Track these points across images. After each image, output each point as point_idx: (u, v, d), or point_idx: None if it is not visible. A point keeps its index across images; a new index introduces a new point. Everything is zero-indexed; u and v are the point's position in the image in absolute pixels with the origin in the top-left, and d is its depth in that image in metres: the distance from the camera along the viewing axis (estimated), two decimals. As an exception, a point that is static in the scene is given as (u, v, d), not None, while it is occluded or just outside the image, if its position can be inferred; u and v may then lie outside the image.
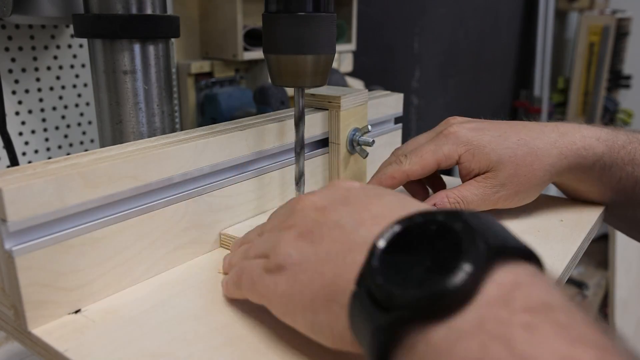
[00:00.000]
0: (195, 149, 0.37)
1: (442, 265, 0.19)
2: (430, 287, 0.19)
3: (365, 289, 0.21)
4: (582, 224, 0.44)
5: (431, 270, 0.19)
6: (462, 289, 0.19)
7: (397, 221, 0.22)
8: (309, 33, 0.37)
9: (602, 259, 1.50)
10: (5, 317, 0.31)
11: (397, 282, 0.20)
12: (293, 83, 0.39)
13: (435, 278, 0.19)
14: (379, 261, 0.21)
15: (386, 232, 0.22)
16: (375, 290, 0.20)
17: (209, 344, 0.29)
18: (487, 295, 0.19)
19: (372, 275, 0.21)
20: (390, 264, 0.21)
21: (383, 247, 0.21)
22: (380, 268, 0.21)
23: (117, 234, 0.33)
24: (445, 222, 0.21)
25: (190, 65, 0.67)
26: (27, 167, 0.31)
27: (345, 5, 0.83)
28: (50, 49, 0.56)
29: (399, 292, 0.19)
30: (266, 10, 0.38)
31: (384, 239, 0.22)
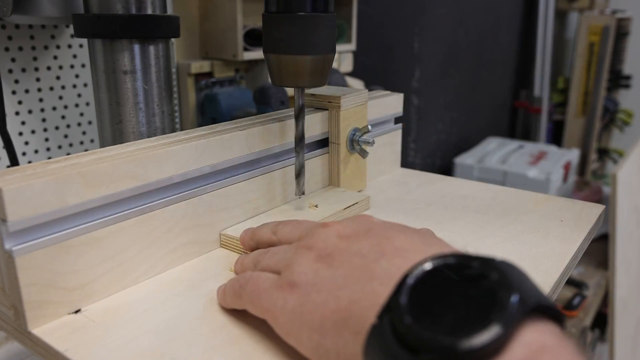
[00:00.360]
0: (195, 149, 0.37)
1: (474, 317, 0.19)
2: (462, 339, 0.18)
3: (389, 324, 0.21)
4: (582, 224, 0.44)
5: (463, 319, 0.19)
6: (492, 346, 0.18)
7: (429, 259, 0.22)
8: (309, 33, 0.37)
9: (602, 259, 1.50)
10: (6, 317, 0.31)
11: (427, 325, 0.19)
12: (293, 83, 0.39)
13: (467, 329, 0.19)
14: (407, 298, 0.21)
15: (416, 268, 0.22)
16: (403, 329, 0.20)
17: (209, 344, 0.29)
18: (513, 354, 0.18)
19: (400, 313, 0.20)
20: (418, 302, 0.20)
21: (412, 284, 0.21)
22: (408, 306, 0.20)
23: (117, 234, 0.33)
24: (481, 269, 0.21)
25: (191, 65, 0.67)
26: (27, 167, 0.31)
27: (345, 5, 0.83)
28: (50, 49, 0.56)
29: (428, 337, 0.19)
30: (266, 11, 0.38)
31: (413, 276, 0.21)
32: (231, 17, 0.66)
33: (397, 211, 0.47)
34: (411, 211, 0.47)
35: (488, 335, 0.18)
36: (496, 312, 0.19)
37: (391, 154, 0.58)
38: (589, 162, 2.11)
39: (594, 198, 1.92)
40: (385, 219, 0.46)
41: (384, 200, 0.50)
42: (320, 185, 0.49)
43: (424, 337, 0.19)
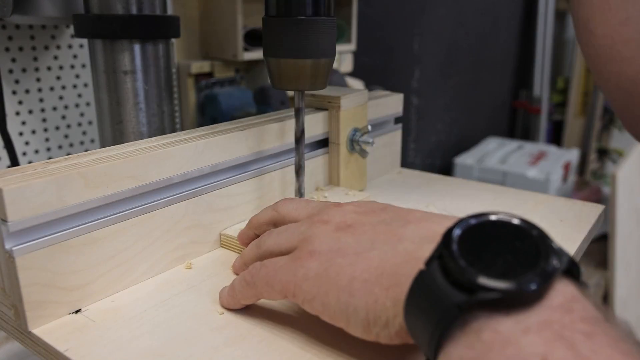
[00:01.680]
0: (195, 149, 0.37)
1: (523, 264, 0.21)
2: (514, 282, 0.20)
3: (440, 269, 0.22)
4: (582, 224, 0.44)
5: (513, 265, 0.21)
6: (538, 290, 0.20)
7: (472, 215, 0.23)
8: (309, 37, 0.37)
9: (601, 259, 1.50)
10: (6, 317, 0.31)
11: (481, 269, 0.21)
12: (293, 86, 0.39)
13: (518, 274, 0.20)
14: (458, 246, 0.22)
15: (461, 222, 0.23)
16: (457, 271, 0.21)
17: (209, 343, 0.29)
18: (552, 301, 0.20)
19: (454, 258, 0.21)
20: (468, 250, 0.22)
21: (459, 234, 0.22)
22: (460, 253, 0.21)
23: (118, 234, 0.33)
24: (522, 226, 0.22)
25: (191, 65, 0.67)
26: (28, 167, 0.31)
27: (345, 5, 0.83)
28: (51, 49, 0.56)
29: (484, 276, 0.20)
30: (266, 14, 0.38)
31: (459, 227, 0.22)
32: (231, 17, 0.66)
33: (397, 211, 0.47)
34: (411, 211, 0.47)
35: (537, 281, 0.20)
36: (542, 262, 0.21)
37: (391, 154, 0.59)
38: (588, 162, 2.11)
39: (593, 198, 1.92)
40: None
41: (384, 200, 0.50)
42: (320, 185, 0.49)
43: (479, 278, 0.20)
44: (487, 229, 0.23)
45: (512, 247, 0.22)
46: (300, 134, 0.41)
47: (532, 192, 0.52)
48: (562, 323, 0.19)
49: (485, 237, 0.22)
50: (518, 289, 0.20)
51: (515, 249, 0.21)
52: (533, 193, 0.51)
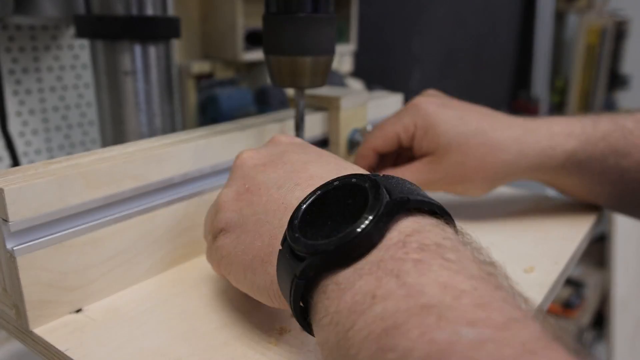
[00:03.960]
0: (196, 150, 0.37)
1: (348, 218, 0.22)
2: (337, 237, 0.21)
3: (287, 245, 0.23)
4: (581, 224, 0.44)
5: (339, 222, 0.22)
6: (365, 236, 0.21)
7: (319, 187, 0.25)
8: (308, 34, 0.37)
9: (601, 259, 1.50)
10: (7, 317, 0.31)
11: (311, 235, 0.22)
12: (293, 84, 0.39)
13: (341, 229, 0.21)
14: (299, 220, 0.23)
15: (310, 196, 0.24)
16: (293, 243, 0.22)
17: (209, 343, 0.29)
18: (388, 240, 0.21)
19: (293, 232, 0.23)
20: (308, 222, 0.23)
21: (304, 208, 0.24)
22: (299, 225, 0.23)
23: (118, 234, 0.33)
24: (356, 182, 0.24)
25: (191, 66, 0.67)
26: (29, 167, 0.31)
27: (345, 6, 0.83)
28: (52, 49, 0.56)
29: (310, 242, 0.22)
30: (266, 11, 0.38)
31: (305, 202, 0.24)
32: (232, 18, 0.66)
33: (397, 211, 0.47)
34: (411, 211, 0.47)
35: (357, 229, 0.21)
36: (365, 210, 0.22)
37: (391, 154, 0.59)
38: (588, 163, 2.11)
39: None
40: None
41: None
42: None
43: (305, 244, 0.22)
44: (330, 195, 0.24)
45: (344, 207, 0.23)
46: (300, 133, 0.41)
47: (531, 192, 0.52)
48: (394, 258, 0.20)
49: (327, 204, 0.24)
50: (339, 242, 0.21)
51: (346, 207, 0.23)
52: (532, 193, 0.52)
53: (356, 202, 0.22)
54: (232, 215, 0.29)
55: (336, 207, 0.23)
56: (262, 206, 0.28)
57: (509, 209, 0.48)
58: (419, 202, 0.23)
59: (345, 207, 0.23)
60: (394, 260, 0.20)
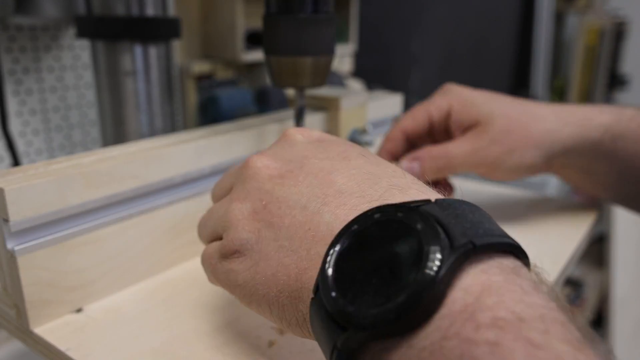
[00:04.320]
0: (196, 150, 0.37)
1: (400, 276, 0.17)
2: (387, 305, 0.17)
3: (319, 300, 0.19)
4: (580, 224, 0.44)
5: (387, 282, 0.17)
6: (423, 303, 0.16)
7: (354, 220, 0.20)
8: (308, 34, 0.37)
9: (600, 259, 1.50)
10: (7, 317, 0.31)
11: (351, 297, 0.18)
12: (293, 84, 0.39)
13: (392, 291, 0.17)
14: (333, 269, 0.19)
15: (343, 233, 0.20)
16: (329, 304, 0.18)
17: (210, 343, 0.29)
18: (452, 305, 0.16)
19: (327, 288, 0.19)
20: (345, 272, 0.19)
21: (339, 251, 0.19)
22: (333, 277, 0.19)
23: (119, 233, 0.33)
24: (404, 220, 0.19)
25: (192, 66, 0.67)
26: (29, 167, 0.31)
27: (345, 6, 0.83)
28: (52, 49, 0.56)
29: (352, 310, 0.17)
30: (267, 12, 0.38)
31: (340, 242, 0.20)
32: (232, 18, 0.66)
33: (397, 211, 0.47)
34: (410, 211, 0.47)
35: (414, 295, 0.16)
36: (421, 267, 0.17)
37: (390, 154, 0.59)
38: (588, 163, 2.11)
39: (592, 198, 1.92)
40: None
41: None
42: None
43: (348, 312, 0.17)
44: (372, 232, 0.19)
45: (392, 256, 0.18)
46: None
47: (530, 193, 0.52)
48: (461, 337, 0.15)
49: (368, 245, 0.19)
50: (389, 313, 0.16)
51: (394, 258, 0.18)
52: (532, 193, 0.52)
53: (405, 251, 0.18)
54: (248, 237, 0.25)
55: (381, 255, 0.18)
56: (285, 230, 0.24)
57: (509, 209, 0.48)
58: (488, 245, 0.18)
59: (393, 256, 0.18)
60: (462, 340, 0.15)
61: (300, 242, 0.23)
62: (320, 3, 0.37)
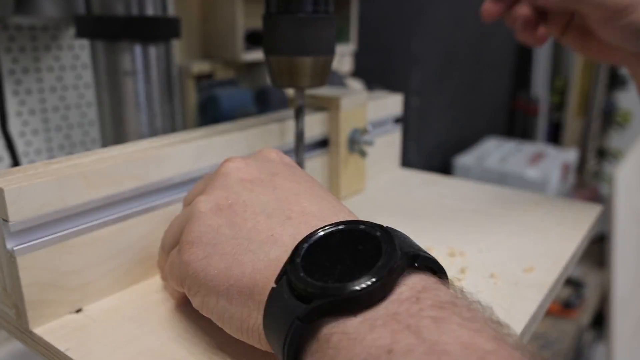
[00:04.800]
0: (196, 150, 0.37)
1: (361, 265, 0.21)
2: (349, 283, 0.20)
3: (287, 284, 0.22)
4: (580, 224, 0.44)
5: (351, 269, 0.21)
6: (378, 287, 0.20)
7: (322, 227, 0.24)
8: (308, 34, 0.37)
9: (600, 259, 1.50)
10: (7, 317, 0.31)
11: (319, 277, 0.21)
12: (292, 84, 0.39)
13: (355, 275, 0.21)
14: (301, 259, 0.22)
15: (312, 236, 0.23)
16: (297, 282, 0.21)
17: (209, 343, 0.29)
18: (399, 294, 0.20)
19: (295, 270, 0.22)
20: (312, 262, 0.22)
21: (306, 247, 0.23)
22: (302, 264, 0.22)
23: (119, 234, 0.33)
24: (366, 230, 0.23)
25: (191, 66, 0.67)
26: (29, 167, 0.31)
27: (345, 6, 0.83)
28: (52, 49, 0.56)
29: (319, 284, 0.21)
30: (266, 11, 0.38)
31: (308, 242, 0.23)
32: (232, 18, 0.66)
33: (397, 211, 0.47)
34: (411, 211, 0.47)
35: (373, 279, 0.20)
36: (381, 260, 0.21)
37: (391, 154, 0.59)
38: (587, 162, 2.11)
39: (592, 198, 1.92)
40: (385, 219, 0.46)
41: (384, 200, 0.50)
42: (320, 185, 0.49)
43: (315, 286, 0.21)
44: (336, 238, 0.23)
45: (355, 252, 0.22)
46: (300, 133, 0.41)
47: (531, 192, 0.52)
48: (409, 313, 0.19)
49: (332, 246, 0.23)
50: (349, 290, 0.20)
51: (357, 253, 0.22)
52: (532, 193, 0.52)
53: (367, 249, 0.22)
54: (206, 230, 0.26)
55: (344, 252, 0.22)
56: (246, 231, 0.26)
57: (510, 209, 0.48)
58: (426, 258, 0.22)
59: (355, 252, 0.22)
60: (409, 315, 0.19)
61: (261, 245, 0.25)
62: (321, 3, 0.37)
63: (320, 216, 0.26)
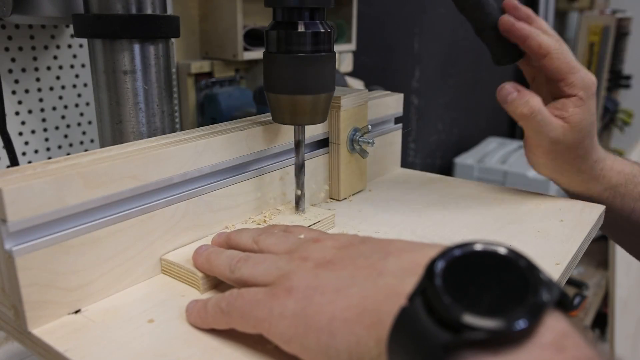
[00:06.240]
0: (195, 149, 0.37)
1: (511, 300, 0.20)
2: (503, 318, 0.19)
3: (423, 305, 0.20)
4: (582, 224, 0.44)
5: (500, 301, 0.20)
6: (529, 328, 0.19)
7: (456, 246, 0.22)
8: (308, 74, 0.37)
9: (602, 259, 1.50)
10: (6, 318, 0.31)
11: (467, 305, 0.20)
12: (293, 121, 0.39)
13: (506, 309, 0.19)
14: (442, 281, 0.21)
15: (444, 254, 0.22)
16: (442, 308, 0.20)
17: (209, 344, 0.29)
18: (543, 338, 0.19)
19: (437, 293, 0.20)
20: (452, 285, 0.20)
21: (443, 268, 0.21)
22: (445, 287, 0.20)
23: (117, 234, 0.33)
24: (508, 256, 0.21)
25: (191, 65, 0.67)
26: (27, 167, 0.31)
27: (345, 5, 0.83)
28: (50, 49, 0.56)
29: (470, 315, 0.19)
30: (266, 50, 0.38)
31: (442, 260, 0.21)
32: (231, 17, 0.66)
33: (397, 211, 0.47)
34: (411, 211, 0.47)
35: (526, 318, 0.19)
36: (531, 296, 0.20)
37: (391, 154, 0.58)
38: (589, 162, 2.11)
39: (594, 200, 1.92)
40: (385, 219, 0.46)
41: (384, 200, 0.50)
42: (321, 185, 0.49)
43: (465, 316, 0.19)
44: (473, 260, 0.22)
45: (499, 280, 0.21)
46: (300, 165, 0.42)
47: (532, 192, 0.52)
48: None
49: (471, 269, 0.21)
50: (506, 328, 0.19)
51: (502, 282, 0.21)
52: (533, 193, 0.51)
53: (511, 279, 0.20)
54: (306, 276, 0.27)
55: (486, 277, 0.21)
56: (347, 272, 0.26)
57: (511, 209, 0.48)
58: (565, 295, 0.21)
59: (499, 280, 0.20)
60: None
61: (364, 278, 0.25)
62: (321, 42, 0.37)
63: (417, 249, 0.26)
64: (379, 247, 0.27)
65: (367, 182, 0.53)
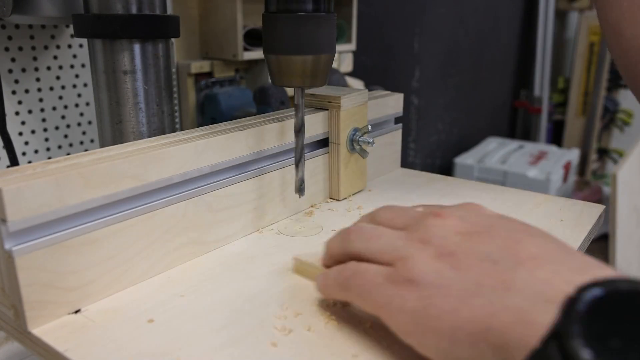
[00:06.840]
0: (195, 149, 0.37)
1: None
2: None
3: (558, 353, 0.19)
4: (582, 224, 0.44)
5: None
6: None
7: (598, 282, 0.20)
8: (308, 33, 0.37)
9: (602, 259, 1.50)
10: (5, 317, 0.31)
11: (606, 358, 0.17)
12: (293, 83, 0.39)
13: None
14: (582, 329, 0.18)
15: (585, 293, 0.19)
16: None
17: (209, 344, 0.29)
18: None
19: (576, 345, 0.18)
20: (592, 333, 0.18)
21: (584, 311, 0.19)
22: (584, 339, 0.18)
23: (117, 234, 0.33)
24: None
25: (191, 65, 0.67)
26: (27, 167, 0.31)
27: (345, 5, 0.83)
28: (50, 49, 0.56)
29: None
30: (266, 10, 0.38)
31: (584, 302, 0.19)
32: (231, 17, 0.66)
33: (397, 211, 0.47)
34: (411, 211, 0.47)
35: None
36: None
37: (391, 154, 0.59)
38: (589, 162, 2.11)
39: (593, 198, 1.92)
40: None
41: (384, 200, 0.50)
42: (320, 184, 0.49)
43: None
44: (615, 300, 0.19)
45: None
46: (299, 127, 0.41)
47: (532, 192, 0.52)
48: None
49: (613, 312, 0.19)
50: None
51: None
52: (533, 193, 0.51)
53: None
54: (428, 270, 0.25)
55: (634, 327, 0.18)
56: (473, 276, 0.24)
57: (511, 209, 0.48)
58: None
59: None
60: None
61: (492, 290, 0.23)
62: (321, 1, 0.37)
63: (552, 259, 0.24)
64: (508, 247, 0.25)
65: (367, 182, 0.53)
